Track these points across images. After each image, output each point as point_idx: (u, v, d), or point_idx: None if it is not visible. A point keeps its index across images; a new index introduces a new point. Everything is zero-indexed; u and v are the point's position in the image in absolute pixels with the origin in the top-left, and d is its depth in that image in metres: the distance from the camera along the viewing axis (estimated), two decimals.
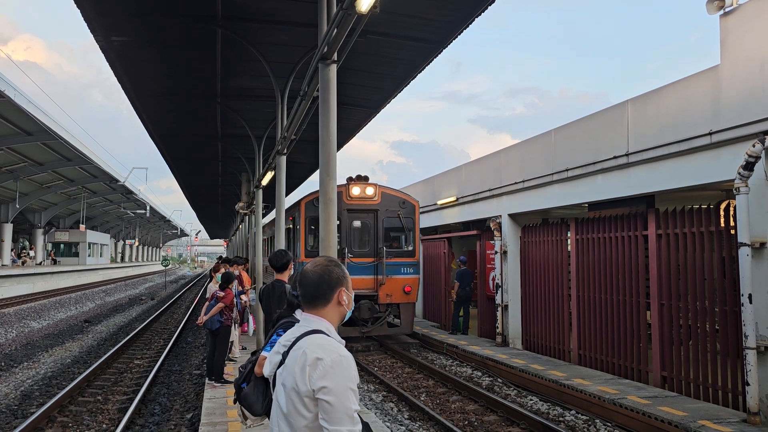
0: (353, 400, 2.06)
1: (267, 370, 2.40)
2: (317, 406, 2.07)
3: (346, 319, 2.43)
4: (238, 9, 10.44)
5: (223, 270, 11.25)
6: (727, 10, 8.31)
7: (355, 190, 15.04)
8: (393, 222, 15.35)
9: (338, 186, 13.70)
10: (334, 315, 2.32)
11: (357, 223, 15.24)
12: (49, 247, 53.37)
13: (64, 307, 26.65)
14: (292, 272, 6.15)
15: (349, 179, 15.43)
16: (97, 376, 12.01)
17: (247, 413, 2.93)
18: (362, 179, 15.45)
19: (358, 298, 13.47)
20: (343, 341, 2.27)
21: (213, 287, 10.26)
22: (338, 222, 13.96)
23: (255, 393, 2.88)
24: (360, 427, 2.08)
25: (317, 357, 2.08)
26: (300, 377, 2.09)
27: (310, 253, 14.53)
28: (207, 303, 9.94)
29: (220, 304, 9.48)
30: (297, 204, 15.76)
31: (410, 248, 15.43)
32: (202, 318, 9.60)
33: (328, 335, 2.23)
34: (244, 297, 12.08)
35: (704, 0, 8.48)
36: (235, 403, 3.00)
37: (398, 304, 14.99)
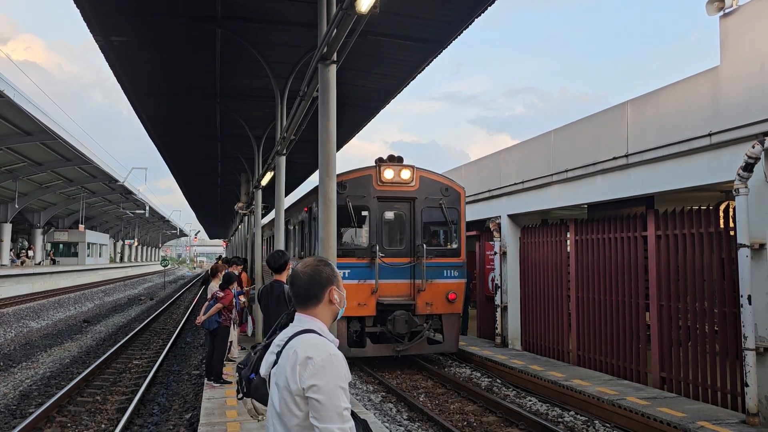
0: (343, 398, 2.09)
1: (263, 370, 2.43)
2: (308, 405, 2.09)
3: (338, 318, 2.46)
4: (237, 9, 10.44)
5: (224, 271, 11.21)
6: (726, 11, 8.31)
7: (388, 174, 12.51)
8: (434, 213, 12.93)
9: (367, 169, 12.51)
10: (326, 314, 2.35)
11: (389, 215, 12.91)
12: (48, 247, 53.34)
13: (63, 307, 26.62)
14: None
15: (379, 160, 12.85)
16: (95, 376, 12.00)
17: (259, 406, 2.93)
18: (395, 160, 12.95)
19: (391, 308, 11.94)
20: (336, 340, 2.30)
21: (213, 287, 10.25)
22: (366, 213, 12.39)
23: (266, 384, 2.89)
24: (351, 424, 2.11)
25: (307, 356, 2.11)
26: (291, 376, 2.12)
27: (344, 254, 11.59)
28: (207, 303, 9.94)
29: (219, 305, 9.47)
30: (317, 190, 13.86)
31: (455, 246, 13.03)
32: (201, 318, 9.61)
33: (320, 334, 2.26)
34: (242, 298, 12.07)
35: (704, 0, 8.49)
36: (240, 399, 2.96)
37: (440, 316, 12.55)
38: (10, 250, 42.91)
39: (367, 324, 12.08)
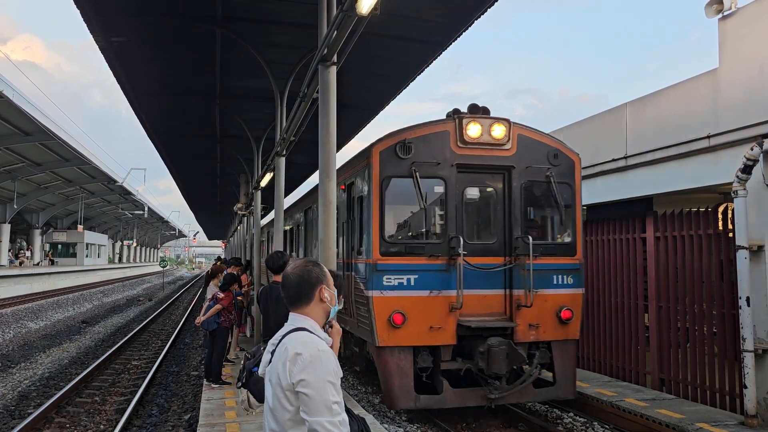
0: (332, 392, 2.17)
1: (261, 369, 2.52)
2: (298, 400, 2.18)
3: (332, 317, 2.52)
4: (237, 9, 10.44)
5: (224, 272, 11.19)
6: (725, 13, 8.34)
7: (473, 130, 8.46)
8: (538, 191, 8.98)
9: (440, 123, 8.61)
10: (318, 313, 2.44)
11: (473, 193, 8.94)
12: (47, 247, 53.29)
13: (61, 308, 26.60)
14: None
15: (455, 112, 8.79)
16: (94, 377, 11.99)
17: (253, 401, 3.04)
18: (480, 112, 8.81)
19: (479, 334, 8.06)
20: (329, 339, 2.42)
21: (213, 288, 10.25)
22: (441, 189, 8.50)
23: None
24: (341, 417, 2.18)
25: (297, 352, 2.21)
26: (282, 372, 2.22)
27: (389, 248, 8.28)
28: (207, 303, 9.95)
29: (218, 306, 9.48)
30: (364, 155, 8.88)
31: (568, 239, 9.06)
32: (200, 318, 9.63)
33: (312, 332, 2.34)
34: (240, 298, 12.06)
35: (704, 2, 8.51)
36: (239, 387, 3.04)
37: (549, 344, 8.61)
38: (9, 250, 42.87)
39: (443, 357, 8.19)
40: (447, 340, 8.19)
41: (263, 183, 15.98)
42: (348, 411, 2.35)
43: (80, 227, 51.49)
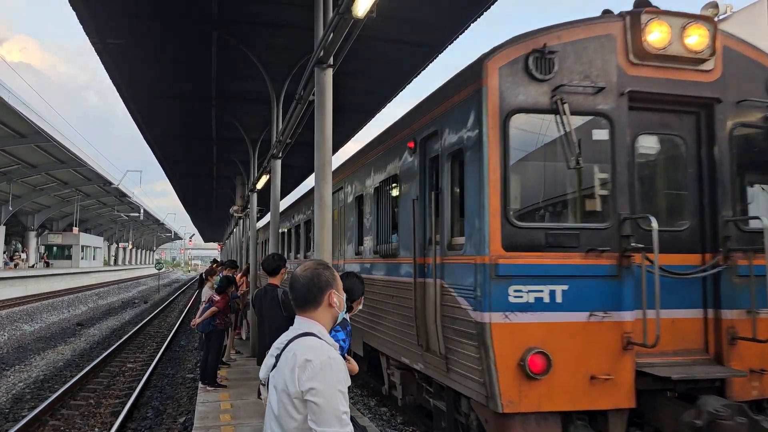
0: (342, 401, 2.09)
1: (262, 373, 2.43)
2: (307, 408, 2.10)
3: (338, 321, 2.46)
4: (233, 12, 10.44)
5: (219, 274, 11.17)
6: (721, 17, 8.38)
7: (658, 35, 5.22)
8: (759, 142, 5.67)
9: (598, 22, 5.33)
10: (326, 317, 2.36)
11: (650, 144, 5.63)
12: (42, 249, 53.12)
13: (56, 310, 26.50)
14: (286, 276, 6.05)
15: (626, 13, 5.39)
16: (89, 380, 11.94)
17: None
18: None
19: (674, 387, 4.92)
20: (336, 345, 2.30)
21: (208, 291, 10.24)
22: (604, 134, 5.21)
23: None
24: (349, 428, 2.11)
25: (306, 359, 2.12)
26: (290, 379, 2.13)
27: (517, 238, 4.94)
28: (202, 305, 9.94)
29: (213, 308, 9.48)
30: (465, 78, 5.56)
31: None
32: (196, 320, 9.64)
33: (320, 338, 2.26)
34: (237, 300, 12.05)
35: (700, 5, 8.55)
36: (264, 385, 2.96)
37: None
38: (3, 252, 42.71)
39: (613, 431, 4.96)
40: (620, 401, 4.88)
41: (259, 185, 15.96)
42: (351, 419, 2.29)
43: (75, 229, 51.37)
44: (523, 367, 4.71)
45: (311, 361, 2.11)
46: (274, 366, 2.27)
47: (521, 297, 4.85)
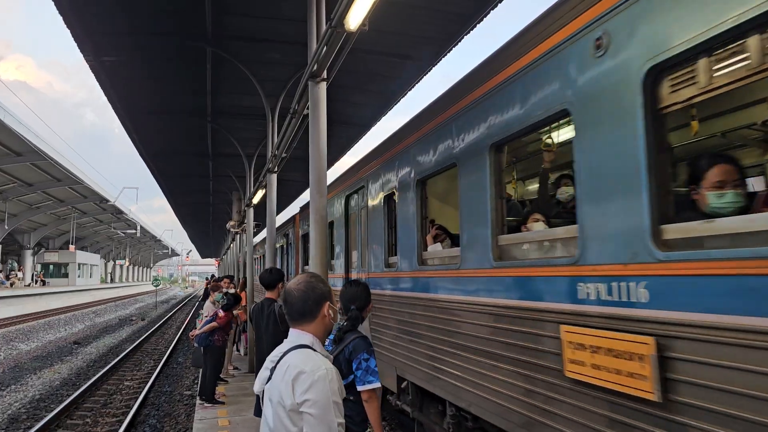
0: (337, 413, 2.10)
1: (257, 387, 2.43)
2: (302, 420, 2.10)
3: (333, 333, 2.46)
4: (227, 28, 10.50)
5: (224, 289, 11.18)
6: None
7: None
8: None
9: None
10: (320, 329, 2.37)
11: None
12: (39, 268, 52.92)
13: (53, 329, 26.35)
14: (282, 290, 6.02)
15: None
16: (86, 398, 11.85)
17: None
18: None
19: None
20: (330, 356, 2.31)
21: (211, 307, 10.24)
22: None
23: None
24: None
25: (301, 371, 2.13)
26: (285, 391, 2.14)
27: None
28: (205, 318, 9.95)
29: (213, 323, 9.47)
30: None
31: None
32: (195, 331, 9.67)
33: (314, 350, 2.27)
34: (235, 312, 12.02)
35: None
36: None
37: None
38: (0, 271, 42.53)
39: None
40: None
41: (255, 200, 15.96)
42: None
43: (72, 247, 51.22)
44: None
45: (306, 373, 2.12)
46: (269, 379, 2.27)
47: None
